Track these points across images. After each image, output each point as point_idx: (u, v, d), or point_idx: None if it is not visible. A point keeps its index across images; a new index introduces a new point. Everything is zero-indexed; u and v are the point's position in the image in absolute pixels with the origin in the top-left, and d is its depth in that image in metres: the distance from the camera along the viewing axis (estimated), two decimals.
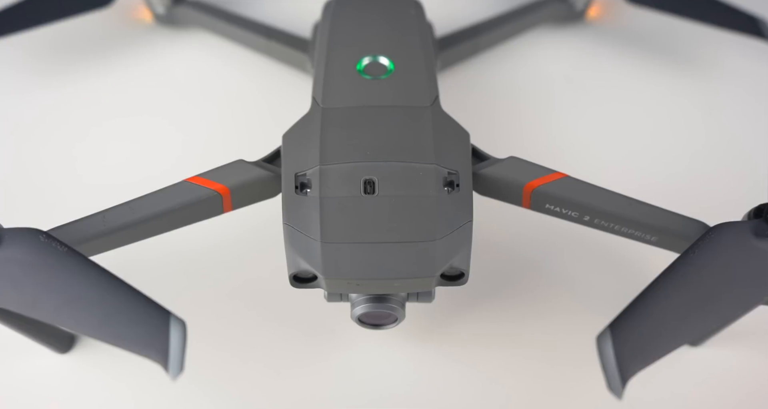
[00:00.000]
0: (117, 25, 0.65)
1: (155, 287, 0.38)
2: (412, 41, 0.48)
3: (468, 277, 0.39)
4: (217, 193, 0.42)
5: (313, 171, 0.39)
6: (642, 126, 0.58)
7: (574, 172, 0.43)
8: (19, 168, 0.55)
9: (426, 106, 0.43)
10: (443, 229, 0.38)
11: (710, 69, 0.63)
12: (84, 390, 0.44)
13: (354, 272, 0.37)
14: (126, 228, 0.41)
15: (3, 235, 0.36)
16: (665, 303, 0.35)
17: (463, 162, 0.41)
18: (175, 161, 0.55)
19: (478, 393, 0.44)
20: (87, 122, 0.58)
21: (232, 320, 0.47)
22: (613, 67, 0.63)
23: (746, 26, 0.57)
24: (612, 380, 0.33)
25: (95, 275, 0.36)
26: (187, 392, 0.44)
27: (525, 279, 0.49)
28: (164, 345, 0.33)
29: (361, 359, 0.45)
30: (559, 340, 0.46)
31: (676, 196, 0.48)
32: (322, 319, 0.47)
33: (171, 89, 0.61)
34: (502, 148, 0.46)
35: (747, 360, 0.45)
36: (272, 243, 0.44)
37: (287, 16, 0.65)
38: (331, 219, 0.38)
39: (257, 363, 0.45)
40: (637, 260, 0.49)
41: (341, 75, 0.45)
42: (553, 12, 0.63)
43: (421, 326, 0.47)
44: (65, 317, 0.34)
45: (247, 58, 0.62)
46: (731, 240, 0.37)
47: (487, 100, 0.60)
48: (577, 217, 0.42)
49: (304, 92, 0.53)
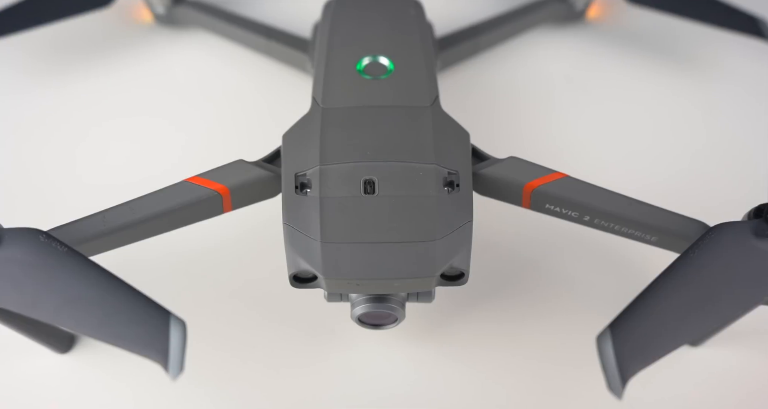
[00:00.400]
0: (117, 25, 0.65)
1: (155, 287, 0.38)
2: (412, 41, 0.48)
3: (468, 277, 0.39)
4: (217, 194, 0.42)
5: (313, 171, 0.39)
6: (642, 126, 0.58)
7: (574, 172, 0.43)
8: (19, 168, 0.55)
9: (426, 106, 0.43)
10: (443, 229, 0.38)
11: (710, 69, 0.62)
12: (84, 390, 0.44)
13: (354, 272, 0.37)
14: (126, 228, 0.41)
15: (3, 235, 0.36)
16: (665, 303, 0.35)
17: (463, 162, 0.41)
18: (175, 161, 0.55)
19: (478, 393, 0.44)
20: (87, 122, 0.58)
21: (232, 320, 0.47)
22: (613, 67, 0.63)
23: (746, 26, 0.57)
24: (612, 380, 0.33)
25: (95, 275, 0.36)
26: (187, 392, 0.44)
27: (525, 279, 0.49)
28: (164, 345, 0.33)
29: (361, 359, 0.45)
30: (559, 340, 0.46)
31: (676, 196, 0.48)
32: (322, 319, 0.47)
33: (171, 89, 0.61)
34: (502, 148, 0.46)
35: (747, 360, 0.45)
36: (272, 243, 0.44)
37: (287, 16, 0.65)
38: (331, 219, 0.38)
39: (257, 363, 0.45)
40: (637, 260, 0.49)
41: (341, 75, 0.45)
42: (553, 12, 0.63)
43: (421, 326, 0.47)
44: (65, 317, 0.34)
45: (247, 58, 0.62)
46: (731, 240, 0.37)
47: (487, 100, 0.60)
48: (577, 217, 0.42)
49: (304, 92, 0.53)
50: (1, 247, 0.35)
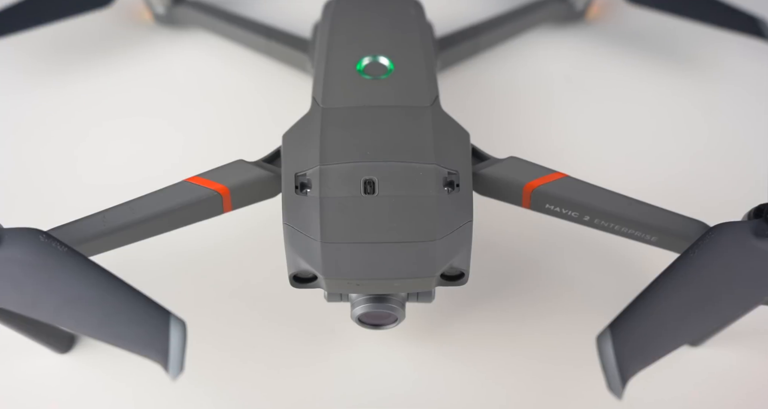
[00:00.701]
0: (117, 25, 0.65)
1: (155, 287, 0.38)
2: (412, 41, 0.48)
3: (468, 277, 0.39)
4: (217, 194, 0.42)
5: (313, 171, 0.39)
6: (642, 126, 0.58)
7: (574, 172, 0.43)
8: (19, 168, 0.55)
9: (426, 106, 0.43)
10: (443, 229, 0.38)
11: (710, 69, 0.62)
12: (84, 390, 0.44)
13: (354, 272, 0.37)
14: (126, 228, 0.41)
15: (3, 235, 0.36)
16: (665, 303, 0.35)
17: (463, 162, 0.41)
18: (175, 161, 0.55)
19: (478, 393, 0.44)
20: (87, 122, 0.58)
21: (232, 320, 0.47)
22: (613, 67, 0.63)
23: (746, 26, 0.57)
24: (612, 380, 0.33)
25: (95, 275, 0.36)
26: (187, 392, 0.44)
27: (525, 279, 0.49)
28: (164, 345, 0.33)
29: (361, 359, 0.45)
30: (559, 340, 0.46)
31: (676, 196, 0.48)
32: (322, 319, 0.47)
33: (171, 89, 0.61)
34: (502, 148, 0.46)
35: (747, 360, 0.45)
36: (272, 243, 0.44)
37: (287, 16, 0.64)
38: (331, 219, 0.38)
39: (257, 363, 0.45)
40: (637, 260, 0.49)
41: (341, 75, 0.45)
42: (553, 12, 0.63)
43: (421, 326, 0.47)
44: (65, 317, 0.34)
45: (247, 58, 0.62)
46: (731, 240, 0.37)
47: (487, 100, 0.60)
48: (577, 217, 0.42)
49: (304, 92, 0.53)
50: (1, 247, 0.35)
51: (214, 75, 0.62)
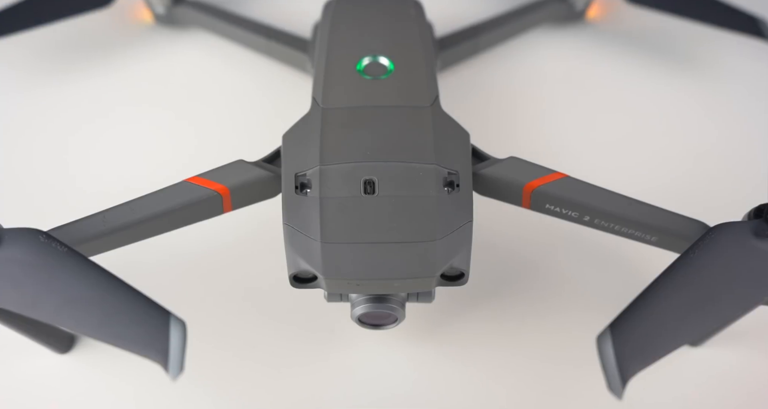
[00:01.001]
0: (117, 25, 0.65)
1: (155, 287, 0.38)
2: (412, 41, 0.48)
3: (468, 277, 0.39)
4: (217, 194, 0.42)
5: (313, 171, 0.39)
6: (642, 126, 0.58)
7: (573, 172, 0.43)
8: (19, 168, 0.55)
9: (426, 106, 0.43)
10: (443, 229, 0.38)
11: (710, 69, 0.62)
12: (84, 390, 0.44)
13: (354, 272, 0.37)
14: (126, 228, 0.41)
15: (3, 235, 0.36)
16: (665, 303, 0.35)
17: (463, 162, 0.41)
18: (175, 161, 0.55)
19: (478, 393, 0.44)
20: (87, 122, 0.58)
21: (233, 320, 0.47)
22: (613, 67, 0.63)
23: (746, 26, 0.57)
24: (612, 381, 0.33)
25: (95, 275, 0.36)
26: (187, 392, 0.44)
27: (525, 279, 0.49)
28: (164, 345, 0.33)
29: (361, 359, 0.45)
30: (558, 340, 0.46)
31: (676, 196, 0.48)
32: (322, 319, 0.47)
33: (171, 89, 0.61)
34: (502, 148, 0.46)
35: (747, 360, 0.45)
36: (272, 243, 0.44)
37: (287, 16, 0.64)
38: (331, 219, 0.38)
39: (257, 363, 0.45)
40: (637, 260, 0.49)
41: (341, 75, 0.45)
42: (553, 12, 0.63)
43: (421, 326, 0.47)
44: (65, 317, 0.34)
45: (247, 58, 0.62)
46: (731, 240, 0.37)
47: (487, 100, 0.60)
48: (577, 217, 0.42)
49: (304, 92, 0.53)
50: (1, 247, 0.35)
51: (214, 75, 0.62)
